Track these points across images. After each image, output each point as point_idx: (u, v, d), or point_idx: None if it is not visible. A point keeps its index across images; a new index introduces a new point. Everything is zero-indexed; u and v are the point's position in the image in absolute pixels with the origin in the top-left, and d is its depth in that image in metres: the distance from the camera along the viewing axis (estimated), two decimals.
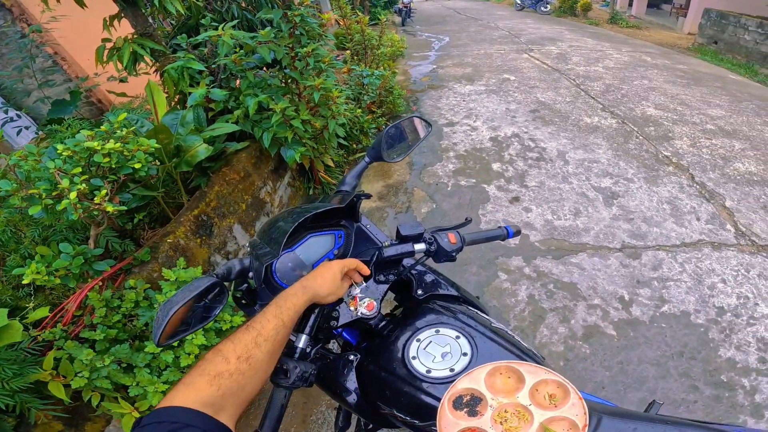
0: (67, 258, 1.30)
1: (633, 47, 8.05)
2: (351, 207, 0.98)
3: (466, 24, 11.40)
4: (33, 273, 1.23)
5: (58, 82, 2.99)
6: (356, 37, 4.46)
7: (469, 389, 0.60)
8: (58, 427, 1.27)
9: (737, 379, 1.83)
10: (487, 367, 0.63)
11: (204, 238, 1.94)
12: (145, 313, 1.44)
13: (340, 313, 0.85)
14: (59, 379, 1.22)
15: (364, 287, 0.88)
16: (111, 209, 1.16)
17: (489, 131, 4.20)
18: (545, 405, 0.59)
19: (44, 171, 1.27)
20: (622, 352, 1.97)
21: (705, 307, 2.18)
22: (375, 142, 1.06)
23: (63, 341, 1.28)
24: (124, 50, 1.85)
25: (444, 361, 0.74)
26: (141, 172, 1.29)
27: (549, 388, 0.62)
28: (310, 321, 0.79)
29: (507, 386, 0.62)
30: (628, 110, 4.64)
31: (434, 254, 0.89)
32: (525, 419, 0.58)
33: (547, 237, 2.75)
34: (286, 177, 2.89)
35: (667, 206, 2.99)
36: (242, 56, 2.05)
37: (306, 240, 0.91)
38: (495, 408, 0.58)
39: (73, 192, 1.12)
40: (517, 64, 6.54)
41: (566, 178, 3.35)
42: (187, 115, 1.80)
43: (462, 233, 0.93)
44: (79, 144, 1.23)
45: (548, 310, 2.24)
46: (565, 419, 0.58)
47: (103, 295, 1.39)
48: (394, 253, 0.88)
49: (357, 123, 3.64)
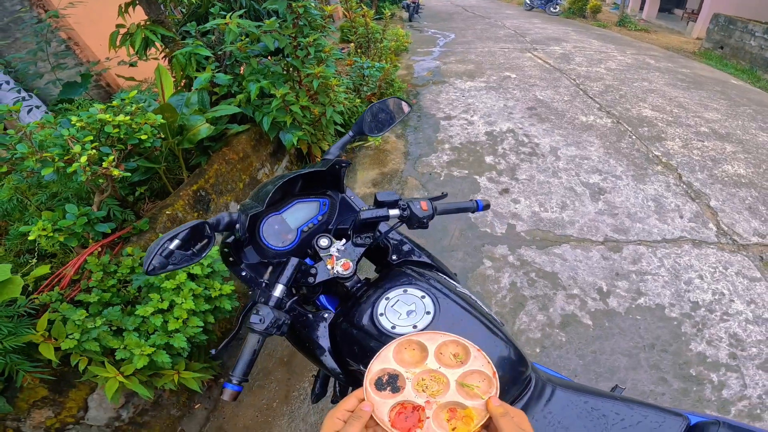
0: (72, 217, 1.38)
1: (638, 50, 8.08)
2: (336, 178, 1.06)
3: (473, 22, 11.43)
4: (39, 230, 1.30)
5: (69, 65, 3.12)
6: (360, 30, 4.56)
7: (383, 370, 0.63)
8: (43, 392, 1.31)
9: (706, 373, 1.88)
10: (391, 346, 0.66)
11: (201, 212, 2.04)
12: (139, 278, 1.50)
13: (318, 270, 0.91)
14: (50, 341, 1.24)
15: (342, 248, 0.95)
16: (117, 173, 1.28)
17: (485, 126, 4.30)
18: (453, 364, 0.64)
19: (58, 139, 1.38)
20: (597, 342, 2.04)
21: (680, 301, 2.24)
22: (359, 118, 1.15)
23: (58, 304, 1.32)
24: (137, 36, 1.97)
25: (408, 318, 0.79)
26: (146, 143, 1.42)
27: (450, 348, 0.66)
28: (288, 272, 0.84)
29: (414, 357, 0.66)
30: (624, 110, 4.72)
31: (407, 220, 0.95)
32: (441, 381, 0.62)
33: (533, 228, 2.85)
34: (284, 161, 3.02)
35: (652, 203, 3.08)
36: (247, 44, 2.17)
37: (293, 205, 0.99)
38: (412, 379, 0.62)
39: (83, 156, 1.24)
40: (520, 63, 6.61)
41: (556, 173, 3.45)
42: (192, 97, 1.93)
43: (433, 203, 0.99)
44: (92, 116, 1.35)
45: (529, 297, 2.32)
46: (475, 371, 0.63)
47: (101, 260, 1.45)
48: (370, 216, 0.94)
49: (356, 113, 3.75)
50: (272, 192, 0.85)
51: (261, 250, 0.95)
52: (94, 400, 1.45)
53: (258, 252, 0.95)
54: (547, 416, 0.80)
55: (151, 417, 1.68)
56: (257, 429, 1.80)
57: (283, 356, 2.10)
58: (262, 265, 0.96)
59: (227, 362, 2.09)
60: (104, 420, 1.49)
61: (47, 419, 1.33)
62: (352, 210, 1.08)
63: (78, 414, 1.41)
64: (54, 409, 1.35)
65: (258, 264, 0.96)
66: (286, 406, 1.90)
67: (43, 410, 1.33)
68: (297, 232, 0.98)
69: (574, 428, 0.78)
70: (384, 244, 1.03)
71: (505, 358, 0.80)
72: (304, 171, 0.97)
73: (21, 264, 1.52)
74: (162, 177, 1.99)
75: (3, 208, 1.57)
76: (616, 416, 0.79)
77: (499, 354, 0.79)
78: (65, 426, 1.38)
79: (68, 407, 1.38)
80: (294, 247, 0.97)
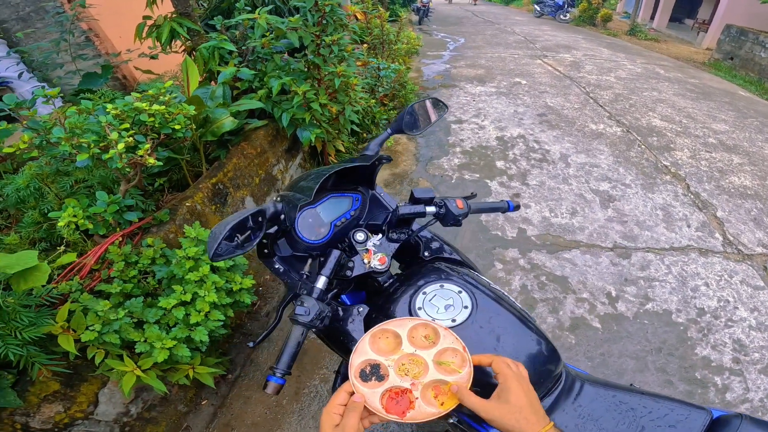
0: (103, 205, 1.38)
1: (648, 59, 8.12)
2: (369, 175, 1.08)
3: (483, 27, 11.48)
4: (69, 216, 1.28)
5: (89, 56, 3.15)
6: (375, 31, 4.60)
7: (364, 361, 0.66)
8: (55, 386, 1.29)
9: (710, 377, 1.93)
10: (366, 338, 0.69)
11: (218, 206, 2.06)
12: (161, 269, 1.50)
13: (354, 264, 0.93)
14: (69, 332, 1.21)
15: (378, 242, 0.97)
16: (152, 162, 1.31)
17: (496, 131, 4.34)
18: (427, 345, 0.68)
19: (93, 125, 1.38)
20: (605, 345, 2.08)
21: (687, 307, 2.29)
22: (398, 116, 1.16)
23: (79, 294, 1.29)
24: (164, 28, 2.00)
25: (447, 312, 0.81)
26: (179, 133, 1.44)
27: (420, 331, 0.71)
28: (330, 264, 0.87)
29: (390, 345, 0.69)
30: (634, 120, 4.75)
31: (443, 217, 0.98)
32: (420, 363, 0.66)
33: (543, 232, 2.88)
34: (298, 158, 3.04)
35: (661, 212, 3.12)
36: (271, 40, 2.20)
37: (327, 199, 1.01)
38: (393, 366, 0.65)
39: (121, 143, 1.27)
40: (530, 69, 6.65)
41: (566, 180, 3.48)
42: (217, 90, 1.96)
43: (468, 201, 1.02)
44: (128, 104, 1.37)
45: (539, 300, 2.36)
46: (447, 349, 0.67)
47: (122, 250, 1.44)
48: (408, 212, 0.97)
49: (369, 113, 3.79)
50: (319, 183, 0.87)
51: (294, 243, 0.96)
52: (105, 394, 1.44)
53: (290, 245, 0.97)
54: (577, 409, 0.82)
55: (158, 413, 1.67)
56: (266, 426, 1.79)
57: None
58: (294, 258, 0.97)
59: (235, 359, 2.10)
60: (113, 415, 1.49)
61: (56, 414, 1.32)
62: (381, 206, 1.10)
63: (88, 409, 1.40)
64: (65, 403, 1.33)
65: (290, 257, 0.97)
66: (296, 403, 1.90)
67: (54, 404, 1.31)
68: (330, 226, 0.99)
69: (603, 421, 0.80)
70: (414, 241, 1.05)
71: (540, 353, 0.82)
72: (348, 165, 0.98)
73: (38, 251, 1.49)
74: (183, 168, 2.01)
75: (18, 195, 1.53)
76: (644, 409, 0.82)
77: (534, 349, 0.82)
78: (74, 421, 1.36)
79: (79, 402, 1.37)
80: (327, 241, 0.99)
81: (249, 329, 2.25)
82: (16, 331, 1.07)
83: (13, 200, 1.55)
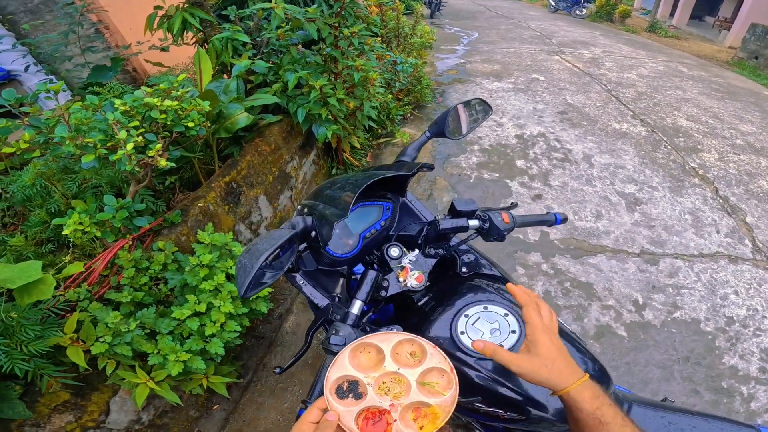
0: (111, 210, 1.28)
1: (669, 57, 7.86)
2: (400, 181, 0.99)
3: (497, 21, 11.24)
4: (75, 224, 1.18)
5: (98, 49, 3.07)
6: (390, 24, 4.46)
7: (342, 377, 0.61)
8: (65, 396, 1.25)
9: (737, 386, 1.89)
10: (346, 351, 0.63)
11: (231, 205, 1.97)
12: (174, 277, 1.41)
13: (389, 282, 0.85)
14: (78, 343, 1.15)
15: (414, 259, 0.88)
16: (164, 164, 1.21)
17: (515, 128, 4.19)
18: (411, 363, 0.63)
19: (100, 123, 1.28)
20: (631, 353, 2.02)
21: (715, 315, 2.23)
22: (439, 119, 1.07)
23: (87, 302, 1.23)
24: (176, 18, 1.90)
25: (492, 338, 0.74)
26: (192, 131, 1.34)
27: (406, 348, 0.65)
28: (366, 287, 0.79)
29: (371, 361, 0.64)
30: (659, 119, 4.57)
31: (486, 232, 0.89)
32: (402, 383, 0.61)
33: (567, 236, 2.76)
34: (312, 154, 2.94)
35: (689, 217, 2.99)
36: (287, 31, 2.09)
37: (355, 208, 0.92)
38: (372, 384, 0.60)
39: (129, 143, 1.16)
40: (548, 65, 6.46)
41: (590, 181, 3.34)
42: (231, 84, 1.86)
43: (514, 214, 0.92)
44: (138, 99, 1.27)
45: (563, 307, 2.28)
46: (433, 369, 0.62)
47: (132, 255, 1.35)
48: (450, 227, 0.88)
49: (385, 108, 3.67)
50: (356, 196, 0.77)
51: (319, 257, 0.87)
52: (116, 402, 1.39)
53: (316, 258, 0.88)
54: None
55: (170, 419, 1.63)
56: None
57: (307, 358, 2.04)
58: (320, 273, 0.89)
59: (248, 363, 2.02)
60: (125, 423, 1.44)
61: (67, 424, 1.27)
62: (413, 215, 1.00)
63: (99, 418, 1.35)
64: (75, 413, 1.29)
65: (315, 272, 0.89)
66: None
67: (64, 414, 1.26)
68: (359, 237, 0.90)
69: None
70: (451, 255, 0.95)
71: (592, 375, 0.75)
72: (386, 173, 0.88)
73: (41, 254, 1.42)
74: (195, 166, 1.92)
75: (24, 193, 1.46)
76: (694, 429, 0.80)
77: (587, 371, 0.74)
78: (85, 430, 1.32)
79: (90, 411, 1.32)
80: (356, 254, 0.90)
81: (261, 332, 2.18)
82: (21, 344, 1.01)
83: (19, 198, 1.48)
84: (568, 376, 0.59)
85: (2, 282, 0.92)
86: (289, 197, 2.56)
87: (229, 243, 1.58)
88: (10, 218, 1.67)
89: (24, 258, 1.38)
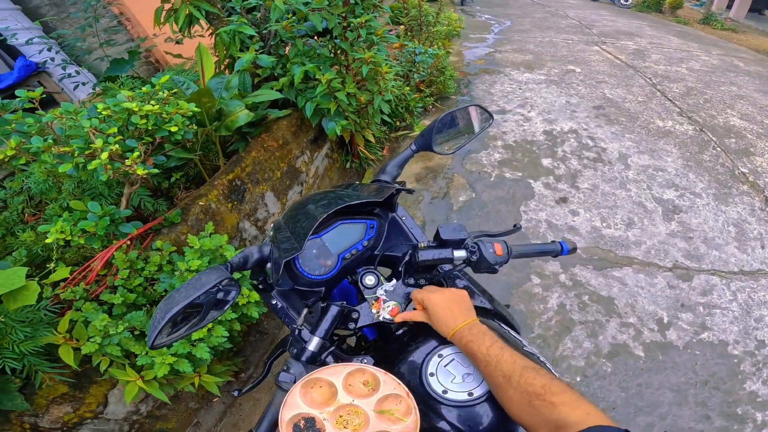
0: (94, 218, 1.27)
1: (725, 51, 7.16)
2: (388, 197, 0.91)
3: (531, 9, 10.64)
4: (57, 232, 1.19)
5: (120, 41, 3.11)
6: (412, 11, 4.27)
7: (297, 416, 0.59)
8: (63, 389, 1.28)
9: (752, 412, 1.78)
10: (295, 389, 0.61)
11: (235, 203, 1.95)
12: (166, 280, 1.41)
13: (360, 314, 0.79)
14: (71, 342, 1.20)
15: (391, 289, 0.81)
16: (141, 172, 1.16)
17: (543, 124, 3.93)
18: (366, 393, 0.62)
19: (81, 129, 1.27)
20: (645, 375, 1.90)
21: (746, 338, 2.05)
22: (425, 130, 0.96)
23: (82, 302, 1.26)
24: (181, 12, 1.86)
25: (464, 383, 0.67)
26: (177, 135, 1.29)
27: (358, 377, 0.64)
28: (326, 323, 0.74)
29: (323, 395, 0.62)
30: (708, 117, 4.15)
31: (474, 263, 0.80)
32: (360, 414, 0.60)
33: (592, 245, 2.55)
34: (324, 148, 2.87)
35: (733, 229, 2.70)
36: (293, 23, 2.01)
37: (335, 227, 0.85)
38: (329, 419, 0.59)
39: (105, 152, 1.12)
40: (585, 56, 6.04)
41: (624, 184, 3.08)
42: (232, 80, 1.80)
43: (509, 244, 0.82)
44: (118, 104, 1.23)
45: (577, 322, 2.12)
46: (389, 396, 0.61)
47: (128, 256, 1.37)
48: (430, 258, 0.79)
49: (404, 100, 3.53)
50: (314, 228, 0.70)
51: (295, 277, 0.81)
52: (114, 395, 1.42)
53: (293, 279, 0.82)
54: None
55: (169, 410, 1.65)
56: None
57: None
58: (296, 293, 0.83)
59: (250, 358, 2.03)
60: (123, 414, 1.47)
61: (65, 414, 1.31)
62: (401, 233, 0.91)
63: (97, 409, 1.38)
64: (73, 404, 1.32)
65: (291, 291, 0.83)
66: None
67: (62, 406, 1.30)
68: (338, 258, 0.83)
69: None
70: (438, 282, 0.86)
71: None
72: (355, 201, 0.80)
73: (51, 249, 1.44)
74: (198, 165, 1.89)
75: (38, 188, 1.55)
76: None
77: None
78: (83, 420, 1.35)
79: (88, 403, 1.35)
80: (333, 276, 0.83)
81: (265, 328, 2.18)
82: (13, 344, 1.05)
83: (36, 191, 1.57)
84: (455, 322, 0.68)
85: None
86: (299, 192, 2.51)
87: (223, 246, 1.55)
88: (32, 209, 1.75)
89: (33, 253, 1.45)
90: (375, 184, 0.94)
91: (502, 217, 2.76)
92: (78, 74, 2.76)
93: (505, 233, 0.89)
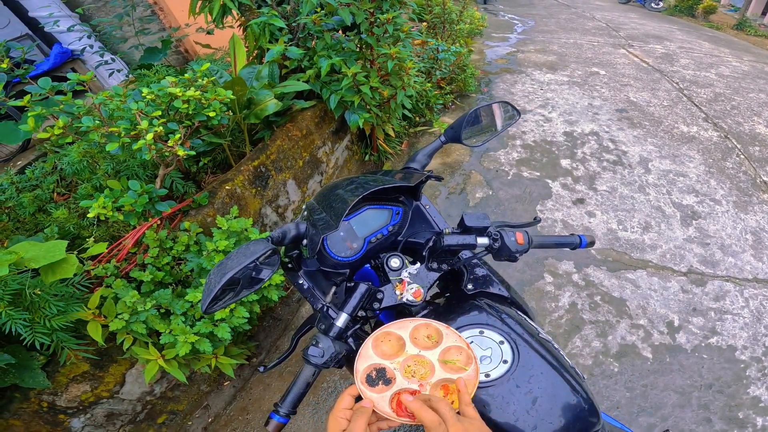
0: (134, 195, 1.34)
1: (757, 57, 6.92)
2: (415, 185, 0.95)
3: (557, 10, 10.46)
4: (99, 207, 1.25)
5: (153, 30, 3.22)
6: (436, 9, 4.29)
7: (369, 366, 0.64)
8: (84, 367, 1.30)
9: (753, 417, 1.80)
10: (368, 343, 0.68)
11: (259, 189, 2.02)
12: (192, 259, 1.46)
13: (384, 294, 0.82)
14: (100, 318, 1.21)
15: (414, 272, 0.84)
16: (182, 153, 1.24)
17: (564, 125, 3.91)
18: (430, 345, 0.68)
19: (127, 111, 1.35)
20: (651, 376, 1.92)
21: (755, 345, 2.06)
22: (455, 123, 1.00)
23: (113, 279, 1.29)
24: (215, 3, 1.95)
25: (482, 365, 0.71)
26: (214, 120, 1.36)
27: (422, 331, 0.70)
28: (354, 300, 0.76)
29: (393, 348, 0.68)
30: (735, 124, 4.06)
31: (496, 251, 0.83)
32: (426, 364, 0.65)
33: (607, 247, 2.56)
34: (345, 140, 2.94)
35: (751, 237, 2.66)
36: (322, 17, 2.07)
37: (363, 211, 0.89)
38: (398, 368, 0.64)
39: (150, 133, 1.20)
40: (611, 59, 5.94)
41: (643, 188, 3.06)
42: (263, 71, 1.87)
43: (530, 234, 0.85)
44: (163, 89, 1.31)
45: (588, 321, 2.15)
46: (451, 347, 0.67)
47: (158, 235, 1.41)
48: (455, 243, 0.82)
49: (424, 97, 3.56)
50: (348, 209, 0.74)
51: (322, 258, 0.86)
52: (132, 375, 1.46)
53: (319, 259, 0.87)
54: None
55: (182, 392, 1.70)
56: None
57: None
58: (321, 274, 0.88)
59: (262, 343, 2.07)
60: (137, 394, 1.52)
61: (83, 393, 1.33)
62: (424, 221, 0.96)
63: (114, 388, 1.42)
64: (92, 383, 1.35)
65: (317, 272, 0.88)
66: (313, 396, 1.88)
67: (81, 384, 1.32)
68: (364, 241, 0.88)
69: None
70: (459, 269, 0.90)
71: (580, 415, 0.71)
72: (387, 185, 0.84)
73: (83, 227, 1.53)
74: (226, 150, 1.98)
75: (73, 168, 1.61)
76: None
77: (576, 413, 0.70)
78: (99, 400, 1.38)
79: (106, 382, 1.39)
80: (359, 258, 0.88)
81: (279, 314, 2.25)
82: (44, 319, 1.08)
83: (69, 172, 1.64)
84: None
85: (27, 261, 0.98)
86: (319, 182, 2.59)
87: (248, 229, 1.62)
88: (63, 188, 1.85)
89: (66, 230, 1.51)
90: (405, 171, 0.99)
91: (517, 215, 2.78)
92: (113, 61, 2.90)
93: (526, 225, 0.91)
